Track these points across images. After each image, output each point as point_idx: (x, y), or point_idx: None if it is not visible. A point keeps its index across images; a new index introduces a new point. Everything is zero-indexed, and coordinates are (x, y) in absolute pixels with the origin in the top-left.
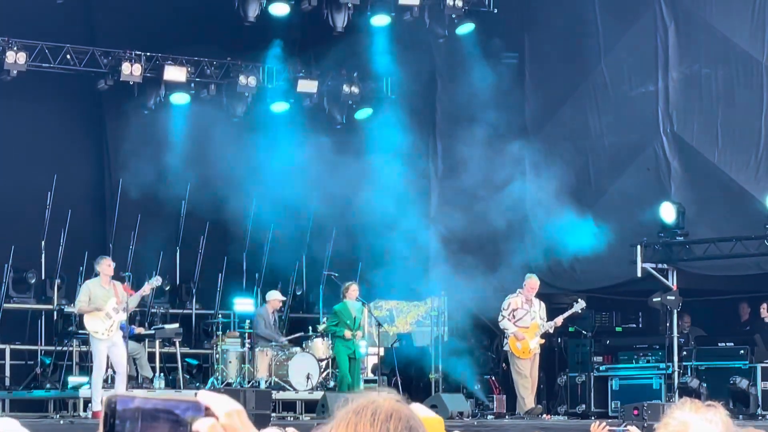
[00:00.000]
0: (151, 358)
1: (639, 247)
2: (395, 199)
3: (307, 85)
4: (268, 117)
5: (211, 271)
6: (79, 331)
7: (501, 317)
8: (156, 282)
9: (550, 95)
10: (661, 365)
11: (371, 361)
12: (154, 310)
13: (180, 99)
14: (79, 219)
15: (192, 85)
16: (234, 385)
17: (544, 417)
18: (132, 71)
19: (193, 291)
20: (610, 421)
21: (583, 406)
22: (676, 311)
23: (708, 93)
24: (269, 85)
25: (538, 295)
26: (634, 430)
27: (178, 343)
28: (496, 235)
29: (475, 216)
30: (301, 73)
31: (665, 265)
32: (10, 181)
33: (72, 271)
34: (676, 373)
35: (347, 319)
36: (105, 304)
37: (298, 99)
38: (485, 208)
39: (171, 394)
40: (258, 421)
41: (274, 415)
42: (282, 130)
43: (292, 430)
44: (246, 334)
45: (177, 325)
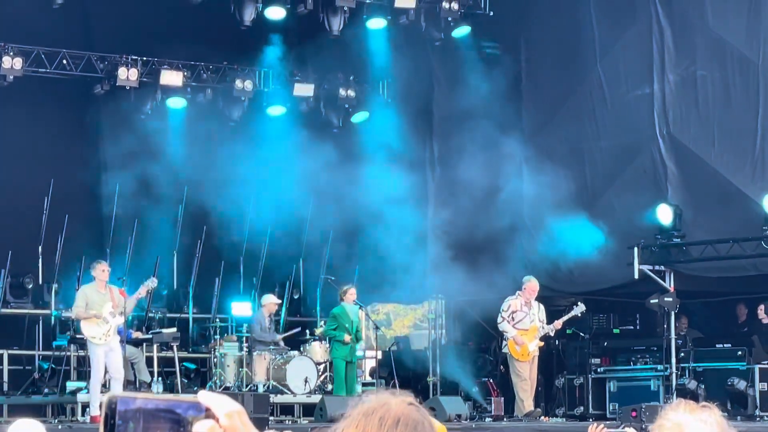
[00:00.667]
0: (149, 362)
1: (636, 249)
2: (392, 203)
3: (303, 89)
4: (265, 121)
5: (209, 276)
6: (77, 336)
7: (500, 319)
8: (152, 283)
9: (546, 98)
10: (659, 367)
11: (369, 364)
12: (151, 315)
13: (176, 103)
14: (76, 224)
15: (188, 89)
16: (232, 389)
17: (542, 419)
18: (128, 76)
19: (191, 295)
20: (608, 423)
21: (581, 408)
22: (673, 313)
23: (704, 95)
24: (266, 89)
25: (537, 298)
26: (631, 431)
27: (175, 348)
28: (493, 238)
29: (472, 219)
30: (297, 77)
31: (662, 267)
32: (7, 187)
33: (69, 277)
34: (674, 375)
35: (346, 323)
36: (101, 309)
37: (294, 103)
38: (482, 211)
39: (171, 395)
40: (256, 425)
41: (272, 418)
42: (279, 133)
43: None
44: (244, 338)
45: (175, 329)
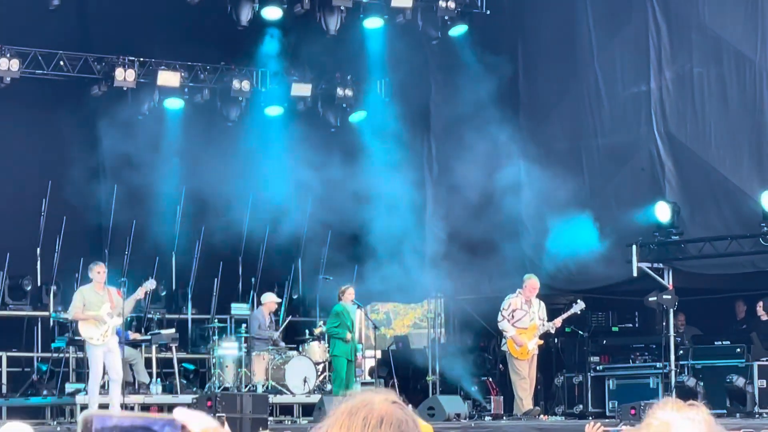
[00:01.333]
0: (147, 363)
1: (634, 246)
2: (390, 202)
3: (301, 89)
4: (263, 121)
5: (207, 276)
6: (75, 337)
7: (500, 318)
8: (150, 285)
9: (543, 96)
10: (658, 364)
11: (368, 363)
12: (150, 316)
13: (174, 104)
14: (74, 225)
15: (186, 90)
16: (231, 389)
17: (541, 418)
18: (125, 77)
19: (189, 296)
20: (605, 421)
21: (581, 407)
22: (672, 310)
23: (701, 92)
24: (263, 89)
25: (537, 296)
26: (629, 430)
27: (174, 349)
28: (491, 237)
29: (470, 217)
30: (294, 77)
31: (661, 265)
32: (4, 188)
33: (68, 278)
34: (673, 373)
35: (348, 321)
36: (99, 310)
37: (292, 103)
38: (481, 210)
39: (146, 413)
40: (255, 426)
41: (271, 419)
42: (276, 133)
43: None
44: (243, 339)
45: (173, 330)
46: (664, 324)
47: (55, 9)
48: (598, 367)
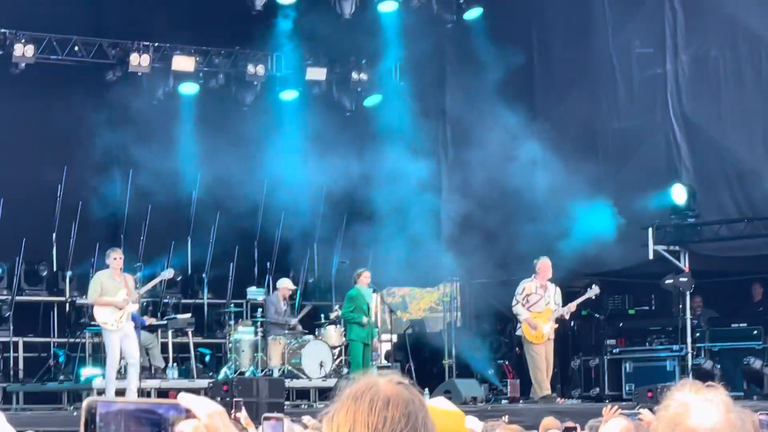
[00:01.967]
0: (163, 348)
1: (650, 229)
2: (406, 186)
3: (315, 73)
4: (278, 105)
5: (223, 261)
6: (92, 323)
7: (515, 302)
8: (168, 275)
9: (559, 79)
10: (675, 347)
11: (385, 347)
12: (166, 301)
13: (189, 89)
14: (90, 211)
15: (200, 74)
16: (247, 374)
17: (558, 401)
18: (140, 62)
19: (205, 281)
20: (622, 404)
21: (597, 389)
22: (688, 293)
23: (716, 75)
24: (278, 74)
25: (553, 280)
26: (645, 413)
27: (190, 333)
28: (507, 220)
29: (486, 201)
30: (309, 61)
31: (677, 247)
32: (20, 174)
33: (83, 263)
34: (690, 355)
35: (362, 305)
36: (115, 296)
37: (306, 87)
38: (496, 193)
39: (150, 398)
40: (271, 410)
41: (287, 403)
42: (291, 118)
43: (308, 418)
44: (259, 323)
45: (189, 315)
46: (681, 307)
47: None
48: (614, 350)
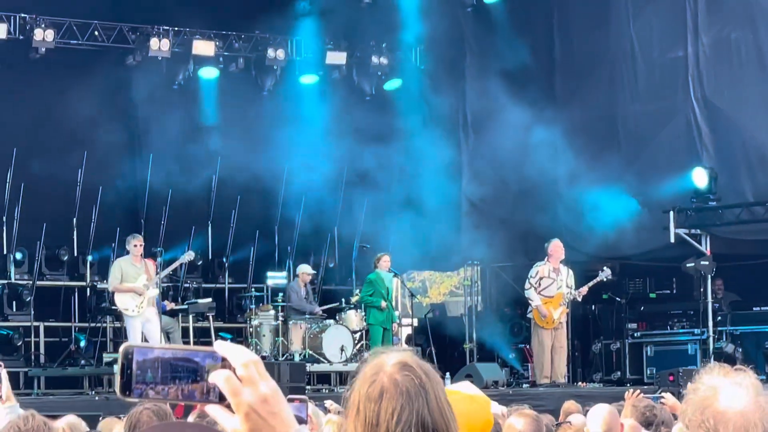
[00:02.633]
0: (184, 333)
1: (672, 213)
2: (426, 170)
3: (336, 57)
4: (298, 90)
5: (243, 245)
6: (112, 307)
7: (527, 285)
8: (188, 257)
9: (579, 63)
10: (696, 331)
11: (405, 332)
12: (187, 285)
13: (209, 73)
14: (110, 195)
15: (220, 59)
16: (268, 358)
17: (579, 385)
18: (160, 46)
19: (226, 265)
20: (644, 387)
21: (619, 373)
22: (709, 276)
23: (738, 57)
24: (298, 58)
25: (571, 263)
26: (668, 397)
27: (211, 318)
28: (528, 204)
29: (506, 185)
30: (329, 45)
31: (698, 231)
32: (40, 159)
33: (104, 248)
34: (711, 339)
35: (381, 289)
36: (136, 281)
37: (327, 71)
38: (517, 177)
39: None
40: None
41: (308, 387)
42: (311, 102)
43: (330, 402)
44: (279, 308)
45: (210, 299)
46: (702, 290)
47: None
48: (635, 334)
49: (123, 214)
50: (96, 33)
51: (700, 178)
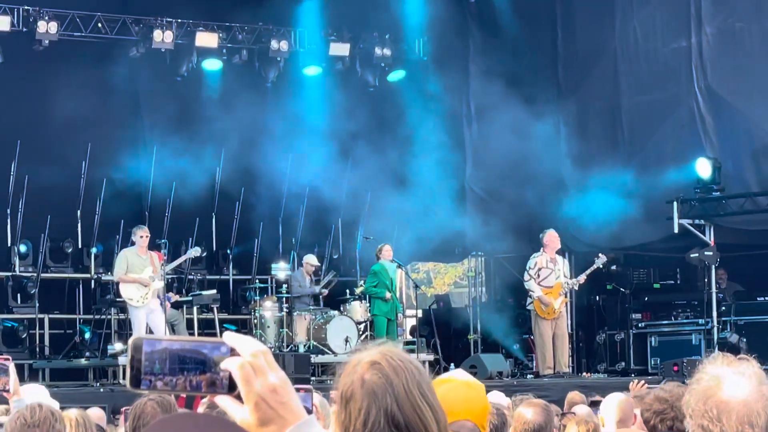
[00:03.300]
0: (189, 324)
1: (675, 203)
2: (430, 161)
3: (339, 48)
4: (301, 81)
5: (248, 237)
6: (117, 299)
7: (527, 277)
8: (195, 253)
9: (582, 53)
10: (700, 321)
11: (410, 322)
12: (191, 277)
13: (212, 65)
14: (114, 187)
15: (224, 50)
16: (273, 349)
17: (583, 375)
18: (163, 38)
19: (230, 257)
20: (648, 378)
21: (623, 364)
22: (713, 267)
23: (742, 47)
24: (301, 49)
25: (574, 254)
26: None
27: (216, 309)
28: (531, 195)
29: (510, 176)
30: (333, 36)
31: (702, 221)
32: (44, 151)
33: (108, 240)
34: (715, 329)
35: (386, 280)
36: (141, 273)
37: (330, 62)
38: (520, 168)
39: (195, 337)
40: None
41: (313, 378)
42: (315, 93)
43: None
44: (284, 299)
45: (214, 291)
46: (706, 280)
47: None
48: (640, 324)
49: (127, 206)
50: (99, 25)
51: (703, 168)
